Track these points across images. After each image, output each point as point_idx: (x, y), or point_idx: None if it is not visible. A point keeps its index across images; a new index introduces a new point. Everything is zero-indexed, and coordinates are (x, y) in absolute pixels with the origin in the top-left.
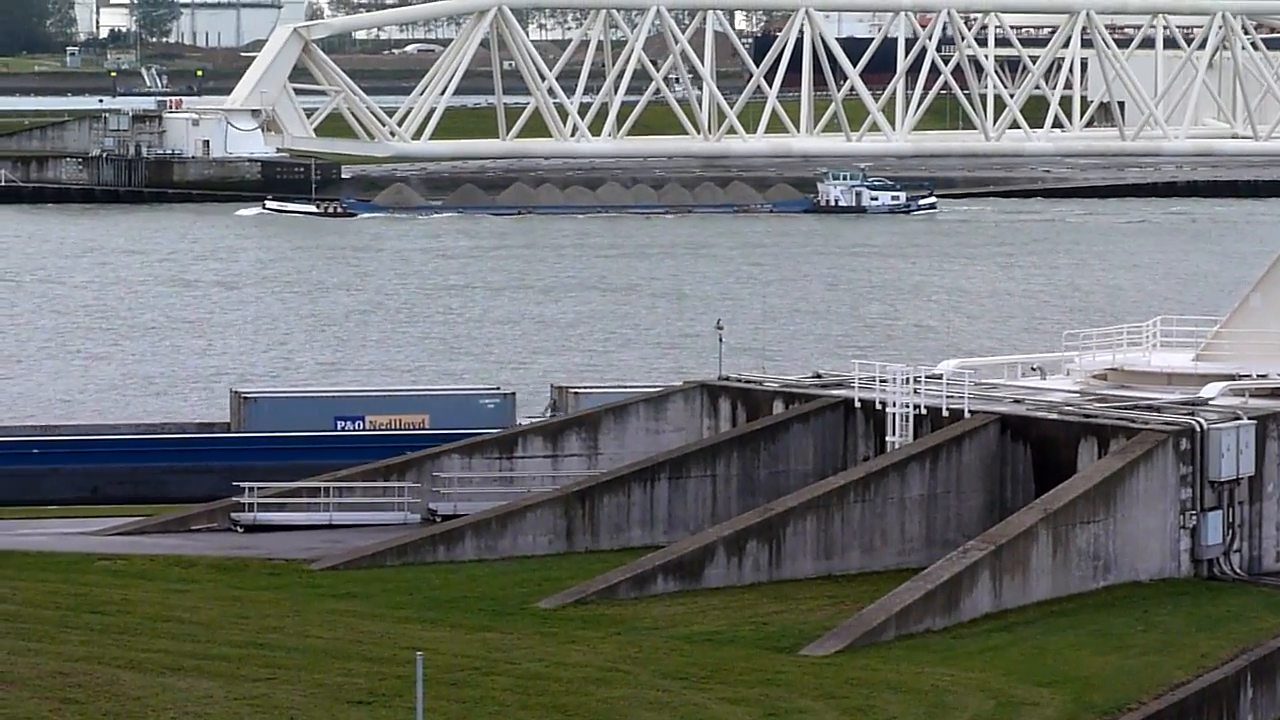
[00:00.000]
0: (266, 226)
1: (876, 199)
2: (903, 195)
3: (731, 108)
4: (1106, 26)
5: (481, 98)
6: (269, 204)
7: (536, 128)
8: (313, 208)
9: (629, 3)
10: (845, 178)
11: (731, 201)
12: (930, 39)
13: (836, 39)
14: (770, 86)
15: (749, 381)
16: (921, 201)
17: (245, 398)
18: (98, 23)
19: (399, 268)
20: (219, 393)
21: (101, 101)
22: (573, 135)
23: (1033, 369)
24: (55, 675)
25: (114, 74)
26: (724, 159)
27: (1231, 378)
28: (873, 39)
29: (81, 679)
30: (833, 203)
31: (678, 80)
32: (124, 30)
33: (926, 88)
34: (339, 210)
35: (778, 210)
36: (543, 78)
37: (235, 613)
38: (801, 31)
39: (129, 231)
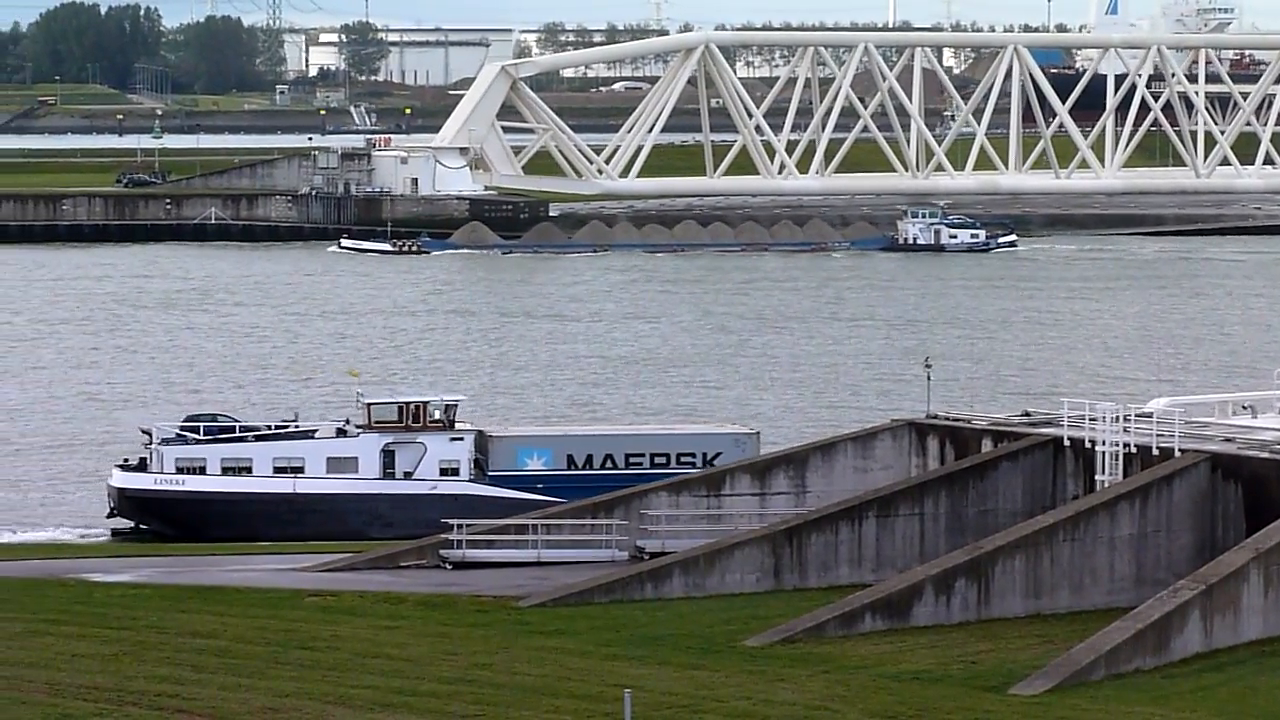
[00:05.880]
0: (442, 263)
1: (955, 237)
2: (982, 233)
3: (939, 144)
4: None
5: (689, 135)
6: (344, 242)
7: (744, 165)
8: (388, 246)
9: (836, 40)
10: (925, 216)
11: (809, 240)
12: (1140, 75)
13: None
14: (979, 123)
15: (957, 419)
16: (1001, 239)
17: None
18: (307, 61)
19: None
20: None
21: (310, 139)
22: (780, 173)
23: (1244, 407)
24: (265, 711)
25: (323, 112)
26: (930, 196)
27: None
28: (1082, 75)
29: (291, 714)
30: (912, 241)
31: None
32: (333, 69)
33: (1136, 125)
34: (415, 249)
35: (856, 248)
36: (750, 115)
37: (444, 649)
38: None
39: (366, 267)
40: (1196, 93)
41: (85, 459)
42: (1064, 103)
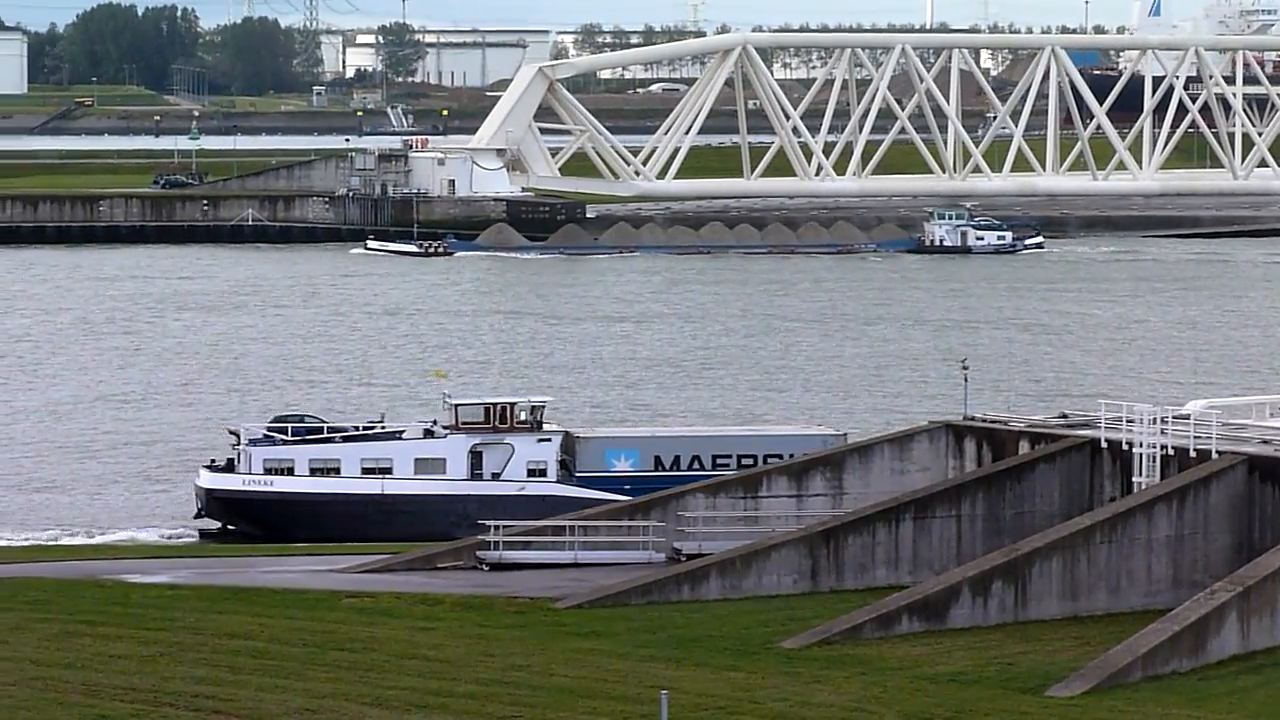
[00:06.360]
0: (491, 264)
1: (982, 239)
2: (1009, 235)
3: (976, 146)
4: None
5: (726, 137)
6: (371, 244)
7: (782, 167)
8: (414, 247)
9: (874, 41)
10: (951, 217)
11: (835, 241)
12: (1179, 77)
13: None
14: (1016, 125)
15: (994, 421)
16: (1028, 241)
17: None
18: (344, 63)
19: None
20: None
21: (348, 141)
22: (817, 174)
23: None
24: (302, 712)
25: (360, 113)
26: (967, 197)
27: None
28: (1119, 77)
29: (328, 716)
30: (938, 242)
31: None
32: (370, 70)
33: (1174, 126)
34: (441, 250)
35: (882, 250)
36: (787, 116)
37: (480, 650)
38: (1048, 69)
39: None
40: (1234, 94)
41: (123, 461)
42: (1102, 104)
